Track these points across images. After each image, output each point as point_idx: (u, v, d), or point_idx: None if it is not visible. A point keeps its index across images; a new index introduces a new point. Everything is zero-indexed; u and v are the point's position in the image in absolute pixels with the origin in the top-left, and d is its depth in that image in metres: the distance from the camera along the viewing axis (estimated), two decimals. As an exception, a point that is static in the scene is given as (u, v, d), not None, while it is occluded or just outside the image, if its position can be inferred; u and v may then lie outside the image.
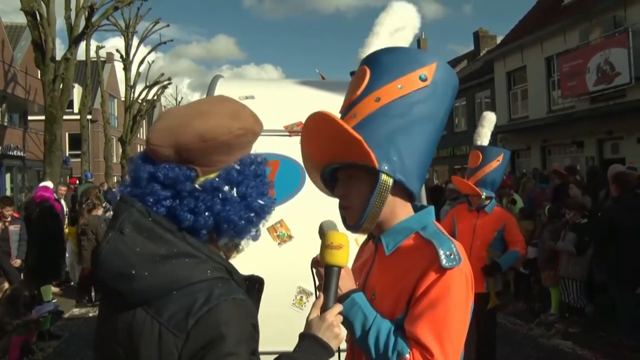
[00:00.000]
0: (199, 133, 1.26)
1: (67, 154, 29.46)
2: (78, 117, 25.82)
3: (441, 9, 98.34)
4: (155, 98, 34.36)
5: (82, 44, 21.22)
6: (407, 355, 1.48)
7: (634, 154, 13.40)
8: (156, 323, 1.18)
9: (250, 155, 1.37)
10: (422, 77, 1.64)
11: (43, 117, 17.35)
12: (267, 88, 3.58)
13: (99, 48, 27.25)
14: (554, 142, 17.97)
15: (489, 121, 5.24)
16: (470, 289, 1.57)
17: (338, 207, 1.73)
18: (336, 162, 1.71)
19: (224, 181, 1.28)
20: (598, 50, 14.88)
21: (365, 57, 1.81)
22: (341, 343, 1.53)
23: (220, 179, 1.28)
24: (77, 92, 30.03)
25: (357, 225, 1.64)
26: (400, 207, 1.67)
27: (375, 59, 1.72)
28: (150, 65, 33.10)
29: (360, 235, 1.78)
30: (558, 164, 13.01)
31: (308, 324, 1.52)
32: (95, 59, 27.62)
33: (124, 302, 1.23)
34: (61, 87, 16.45)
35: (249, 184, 1.32)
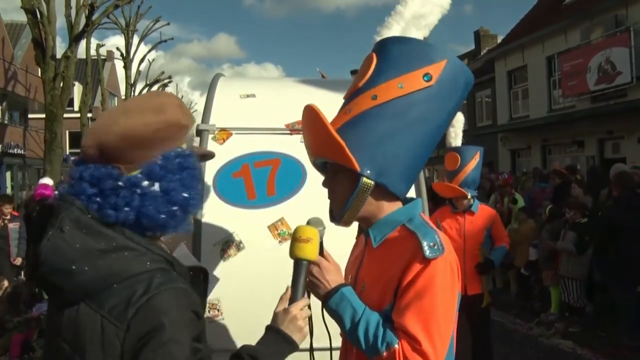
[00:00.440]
0: (119, 131, 1.31)
1: (68, 152, 29.44)
2: (78, 115, 25.79)
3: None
4: (156, 96, 34.30)
5: (83, 42, 21.21)
6: (396, 346, 1.50)
7: (634, 153, 13.38)
8: (98, 316, 1.22)
9: (176, 149, 1.37)
10: (426, 77, 1.60)
11: (43, 115, 17.36)
12: (268, 87, 3.57)
13: (99, 46, 27.24)
14: (555, 141, 17.95)
15: (458, 121, 5.28)
16: (456, 277, 1.59)
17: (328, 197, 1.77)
18: (324, 159, 1.74)
19: (145, 176, 1.31)
20: (599, 50, 14.86)
21: (378, 42, 1.77)
22: (305, 336, 1.55)
23: (142, 175, 1.31)
24: (77, 90, 30.03)
25: (337, 219, 1.69)
26: (387, 203, 1.69)
27: (385, 49, 1.69)
28: (150, 64, 33.13)
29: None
30: (558, 163, 12.99)
31: (274, 316, 1.55)
32: (96, 57, 27.59)
33: (66, 298, 1.27)
34: (61, 85, 16.44)
35: (172, 178, 1.33)
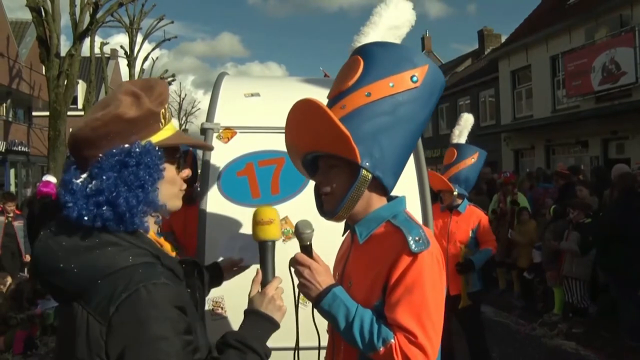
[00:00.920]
0: (72, 133, 1.37)
1: (71, 150, 29.52)
2: (82, 113, 25.85)
3: (445, 7, 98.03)
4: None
5: (87, 40, 21.24)
6: (393, 340, 1.53)
7: (639, 154, 13.35)
8: (85, 313, 1.24)
9: (122, 145, 1.33)
10: (413, 79, 1.70)
11: (47, 113, 17.38)
12: (272, 85, 3.57)
13: (103, 44, 27.24)
14: (559, 141, 17.91)
15: (466, 121, 5.20)
16: (442, 269, 1.64)
17: (314, 193, 1.79)
18: (320, 151, 1.75)
19: (89, 177, 1.31)
20: (604, 50, 14.82)
21: (359, 47, 1.84)
22: (284, 313, 1.58)
23: (87, 176, 1.31)
24: (81, 88, 30.03)
25: (333, 212, 1.71)
26: (375, 200, 1.74)
27: (369, 52, 1.75)
28: (154, 62, 33.15)
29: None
30: (562, 163, 12.94)
31: (250, 301, 1.58)
32: (100, 55, 27.62)
33: (60, 296, 1.31)
34: (65, 83, 16.49)
35: (108, 176, 1.30)
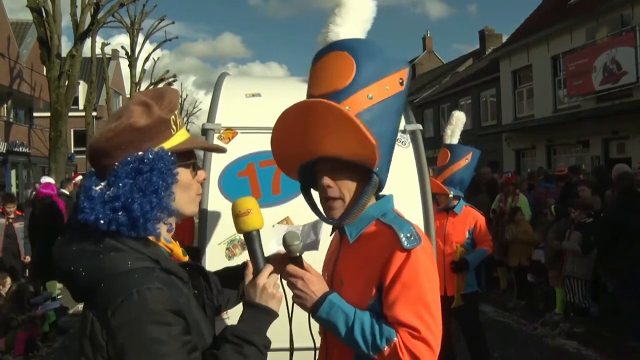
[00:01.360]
0: (89, 145, 1.44)
1: (72, 151, 29.53)
2: (83, 113, 25.88)
3: (447, 8, 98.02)
4: (160, 95, 34.31)
5: (88, 41, 21.25)
6: (396, 338, 1.54)
7: (639, 153, 13.34)
8: (90, 314, 1.31)
9: (136, 153, 1.39)
10: (401, 82, 1.71)
11: (48, 114, 17.40)
12: (273, 86, 3.57)
13: (104, 45, 27.23)
14: (560, 141, 17.90)
15: (457, 120, 5.12)
16: (435, 263, 1.67)
17: (320, 198, 1.76)
18: (333, 157, 1.68)
19: (107, 186, 1.37)
20: (604, 49, 14.81)
21: (341, 42, 1.77)
22: (282, 300, 1.58)
23: (105, 185, 1.37)
24: (82, 88, 30.06)
25: (344, 218, 1.70)
26: (369, 200, 1.74)
27: (355, 49, 1.70)
28: (155, 62, 33.14)
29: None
30: (564, 163, 12.93)
31: (245, 292, 1.59)
32: (101, 56, 27.63)
33: (75, 297, 1.40)
34: (66, 83, 16.48)
35: (124, 183, 1.35)
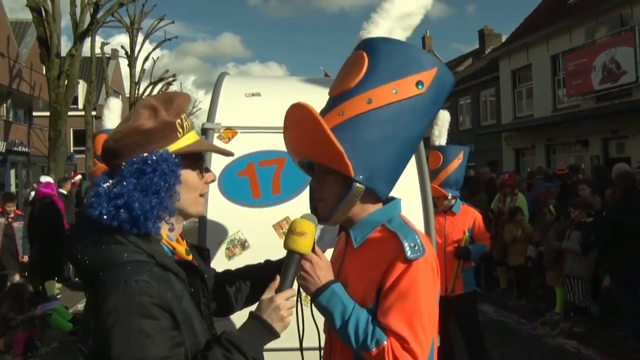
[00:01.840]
0: (103, 146, 1.52)
1: (72, 150, 29.50)
2: (83, 113, 25.84)
3: (446, 7, 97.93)
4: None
5: (87, 40, 21.24)
6: (385, 343, 1.54)
7: (639, 153, 13.33)
8: (89, 302, 1.41)
9: (141, 154, 1.45)
10: (419, 85, 1.63)
11: (48, 113, 17.40)
12: (273, 85, 3.56)
13: (104, 44, 27.23)
14: (559, 141, 17.90)
15: (443, 119, 5.15)
16: (436, 277, 1.64)
17: (309, 196, 1.79)
18: (313, 160, 1.73)
19: (112, 185, 1.45)
20: (604, 49, 14.81)
21: (366, 40, 1.77)
22: (286, 326, 1.58)
23: (112, 183, 1.45)
24: (81, 88, 30.03)
25: (327, 218, 1.71)
26: (370, 204, 1.72)
27: (376, 49, 1.68)
28: (155, 62, 33.13)
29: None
30: (563, 162, 12.94)
31: (259, 303, 1.60)
32: (100, 56, 27.62)
33: (85, 283, 1.48)
34: (66, 83, 16.49)
35: (128, 182, 1.42)
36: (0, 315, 6.21)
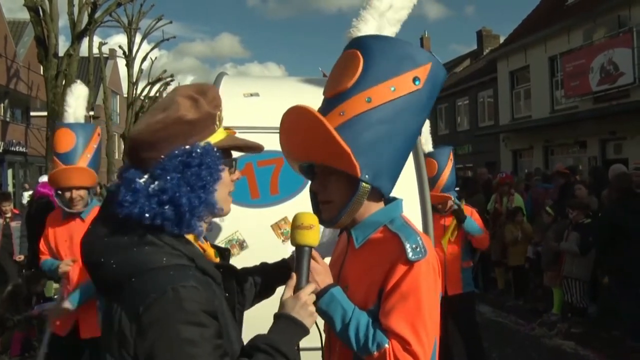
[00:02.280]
0: (131, 136, 1.38)
1: (69, 150, 29.42)
2: (80, 113, 25.80)
3: (444, 9, 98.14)
4: (158, 95, 34.33)
5: (85, 40, 21.20)
6: (387, 346, 1.53)
7: (637, 154, 13.36)
8: (119, 308, 1.25)
9: (184, 147, 1.34)
10: (416, 81, 1.63)
11: (45, 113, 17.38)
12: (271, 85, 3.56)
13: (101, 44, 27.19)
14: (557, 142, 17.92)
15: (425, 125, 5.18)
16: (438, 278, 1.64)
17: (310, 200, 1.75)
18: (317, 163, 1.71)
19: (150, 178, 1.32)
20: (602, 50, 14.84)
21: (357, 39, 1.76)
22: (316, 320, 1.56)
23: (149, 177, 1.33)
24: (79, 88, 29.97)
25: (333, 222, 1.69)
26: (372, 204, 1.71)
27: (369, 47, 1.67)
28: (153, 62, 33.11)
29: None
30: (561, 163, 12.95)
31: (282, 303, 1.55)
32: (98, 56, 27.58)
33: (101, 289, 1.35)
34: (64, 83, 16.44)
35: (172, 177, 1.31)
36: (-3, 315, 6.19)
